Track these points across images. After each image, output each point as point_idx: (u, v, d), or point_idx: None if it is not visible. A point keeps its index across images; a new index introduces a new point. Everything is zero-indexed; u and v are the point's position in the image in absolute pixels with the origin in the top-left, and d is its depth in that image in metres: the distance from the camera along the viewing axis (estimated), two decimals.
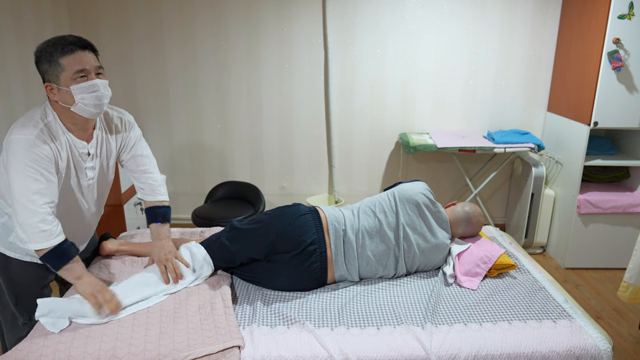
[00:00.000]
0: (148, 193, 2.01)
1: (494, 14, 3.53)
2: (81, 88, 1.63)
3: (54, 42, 1.63)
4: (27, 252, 1.79)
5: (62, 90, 1.63)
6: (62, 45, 1.61)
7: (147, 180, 2.00)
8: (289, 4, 3.51)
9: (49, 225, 1.62)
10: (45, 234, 1.62)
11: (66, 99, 1.64)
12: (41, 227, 1.61)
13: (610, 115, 3.10)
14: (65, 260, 1.68)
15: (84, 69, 1.63)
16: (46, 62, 1.62)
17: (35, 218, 1.60)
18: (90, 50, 1.67)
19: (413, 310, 1.85)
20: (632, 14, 2.91)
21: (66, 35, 1.65)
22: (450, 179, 3.91)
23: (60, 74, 1.62)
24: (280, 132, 3.78)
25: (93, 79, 1.65)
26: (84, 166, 1.78)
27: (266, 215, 2.06)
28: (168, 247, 1.95)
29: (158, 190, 2.03)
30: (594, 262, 3.41)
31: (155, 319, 1.72)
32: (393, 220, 2.09)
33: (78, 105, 1.65)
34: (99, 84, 1.65)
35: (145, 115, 3.72)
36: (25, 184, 1.58)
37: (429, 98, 3.71)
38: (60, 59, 1.61)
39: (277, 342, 1.65)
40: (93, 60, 1.66)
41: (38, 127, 1.62)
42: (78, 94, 1.63)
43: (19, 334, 1.85)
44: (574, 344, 1.68)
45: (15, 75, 2.88)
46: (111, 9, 3.50)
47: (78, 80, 1.62)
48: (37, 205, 1.60)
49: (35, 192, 1.60)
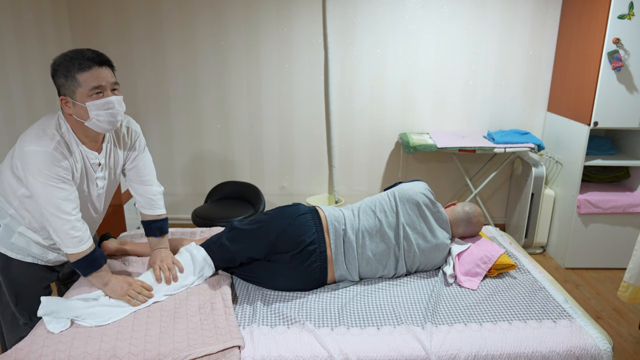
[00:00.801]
0: (146, 207, 2.01)
1: (494, 14, 3.53)
2: (96, 105, 1.64)
3: (71, 56, 1.63)
4: (28, 253, 1.80)
5: (77, 105, 1.64)
6: (79, 61, 1.62)
7: (146, 194, 2.00)
8: (289, 4, 3.51)
9: (79, 231, 1.69)
10: (77, 239, 1.69)
11: (81, 114, 1.66)
12: (73, 233, 1.67)
13: (610, 115, 3.10)
14: (95, 269, 1.76)
15: (100, 85, 1.64)
16: (62, 76, 1.63)
17: (67, 226, 1.66)
18: (107, 66, 1.68)
19: (413, 310, 1.85)
20: (632, 14, 2.91)
21: (84, 50, 1.65)
22: (450, 179, 3.91)
23: (77, 89, 1.62)
24: (280, 132, 3.78)
25: (108, 95, 1.66)
26: (95, 176, 1.81)
27: (266, 215, 2.06)
28: (165, 254, 1.99)
29: (156, 204, 2.03)
30: (594, 262, 3.41)
31: (155, 318, 1.72)
32: (393, 220, 2.09)
33: (92, 121, 1.67)
34: (114, 101, 1.67)
35: (145, 116, 3.72)
36: (51, 194, 1.62)
37: (429, 98, 3.71)
38: (77, 75, 1.61)
39: (277, 342, 1.65)
40: (109, 77, 1.67)
41: (55, 140, 1.64)
42: (93, 110, 1.64)
43: (20, 334, 1.85)
44: (574, 344, 1.68)
45: (15, 76, 2.88)
46: (111, 9, 3.50)
47: (94, 97, 1.64)
48: (66, 212, 1.65)
49: (63, 199, 1.64)
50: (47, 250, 1.84)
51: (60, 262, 1.92)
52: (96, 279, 1.78)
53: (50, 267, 1.91)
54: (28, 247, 1.80)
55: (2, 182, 1.75)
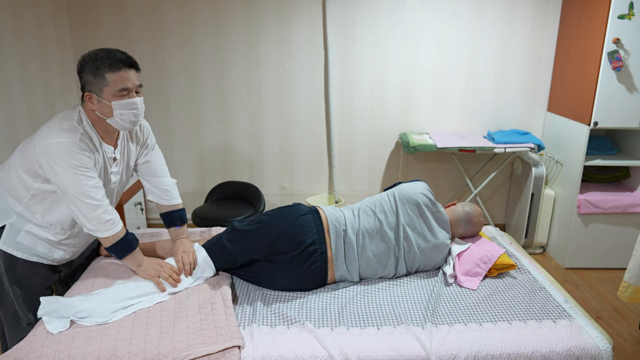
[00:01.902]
0: (162, 197, 2.08)
1: (494, 14, 3.53)
2: (121, 104, 1.71)
3: (102, 55, 1.68)
4: (34, 252, 1.81)
5: (102, 103, 1.70)
6: (110, 61, 1.67)
7: (160, 185, 2.07)
8: (289, 4, 3.51)
9: (111, 214, 1.77)
10: (110, 223, 1.77)
11: (104, 111, 1.72)
12: (105, 217, 1.75)
13: (610, 115, 3.10)
14: (129, 251, 1.86)
15: (127, 87, 1.70)
16: (91, 74, 1.68)
17: (99, 210, 1.73)
18: (135, 69, 1.74)
19: (413, 310, 1.85)
20: (632, 14, 2.91)
21: (115, 51, 1.71)
22: (450, 179, 3.91)
23: (104, 87, 1.68)
24: (280, 132, 3.78)
25: (133, 96, 1.73)
26: (110, 171, 1.86)
27: (266, 216, 2.06)
28: (188, 244, 2.04)
29: (172, 194, 2.10)
30: (594, 262, 3.41)
31: (155, 318, 1.72)
32: (393, 220, 2.09)
33: (115, 119, 1.73)
34: (137, 103, 1.75)
35: (146, 116, 3.70)
36: (81, 184, 1.68)
37: (429, 98, 3.71)
38: (106, 74, 1.67)
39: (277, 342, 1.65)
40: (135, 79, 1.74)
41: (79, 132, 1.69)
42: (117, 110, 1.71)
43: (22, 334, 1.85)
44: (574, 344, 1.68)
45: (15, 76, 2.88)
46: (111, 10, 3.50)
47: (119, 97, 1.70)
48: (96, 199, 1.72)
49: (92, 187, 1.71)
50: (54, 249, 1.85)
51: (64, 260, 1.93)
52: (130, 262, 1.87)
53: (54, 267, 1.92)
54: (34, 246, 1.81)
55: (10, 179, 1.76)
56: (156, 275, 1.88)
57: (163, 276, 1.88)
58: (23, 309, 1.85)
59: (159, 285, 1.86)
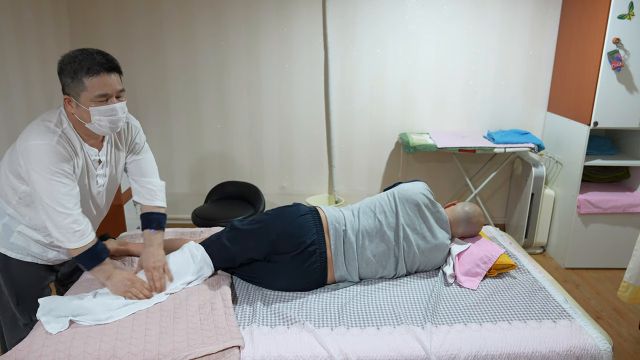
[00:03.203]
0: (146, 196, 2.00)
1: (494, 13, 3.53)
2: (100, 110, 1.64)
3: (81, 58, 1.60)
4: (28, 252, 1.80)
5: (80, 107, 1.64)
6: (88, 65, 1.59)
7: (147, 185, 2.00)
8: (289, 4, 3.51)
9: (81, 225, 1.69)
10: (79, 233, 1.68)
11: (83, 116, 1.66)
12: (74, 227, 1.67)
13: (610, 115, 3.10)
14: (97, 262, 1.76)
15: (106, 93, 1.63)
16: (69, 77, 1.61)
17: (69, 219, 1.65)
18: (116, 72, 1.66)
19: (413, 310, 1.84)
20: (632, 14, 2.91)
21: (94, 53, 1.62)
22: (450, 179, 3.91)
23: (82, 92, 1.61)
24: (280, 132, 3.78)
25: (113, 102, 1.66)
26: (95, 173, 1.81)
27: (266, 216, 2.05)
28: (159, 255, 1.92)
29: (156, 195, 2.02)
30: (594, 262, 3.41)
31: (155, 319, 1.72)
32: (393, 220, 2.09)
33: (93, 125, 1.67)
34: (117, 109, 1.67)
35: (145, 115, 3.72)
36: (54, 189, 1.61)
37: (429, 98, 3.71)
38: (84, 78, 1.59)
39: (277, 342, 1.65)
40: (116, 83, 1.66)
41: (57, 134, 1.63)
42: (95, 115, 1.64)
43: (20, 335, 1.85)
44: (574, 344, 1.68)
45: (15, 76, 2.88)
46: (111, 9, 3.50)
47: (98, 103, 1.63)
48: (68, 207, 1.64)
49: (65, 194, 1.64)
50: (47, 249, 1.83)
51: (60, 260, 1.91)
52: (99, 273, 1.78)
53: (49, 267, 1.90)
54: (28, 246, 1.79)
55: (0, 181, 1.74)
56: (126, 291, 1.78)
57: (133, 292, 1.79)
58: (20, 310, 1.83)
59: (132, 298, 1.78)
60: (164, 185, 2.06)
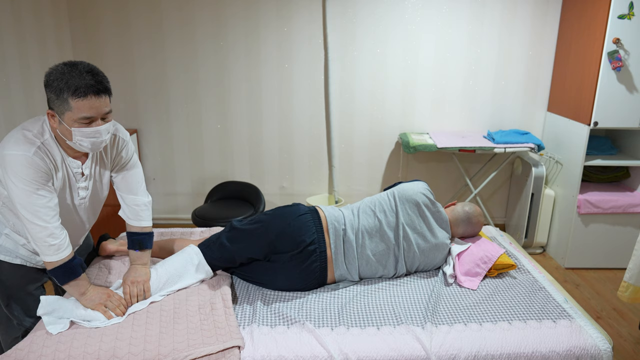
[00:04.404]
0: (131, 217, 1.93)
1: (494, 14, 3.53)
2: (82, 132, 1.57)
3: (69, 77, 1.52)
4: (16, 255, 1.76)
5: (63, 125, 1.57)
6: (76, 86, 1.51)
7: (131, 203, 1.92)
8: (289, 4, 3.51)
9: (57, 239, 1.62)
10: (54, 247, 1.62)
11: (65, 134, 1.59)
12: (50, 241, 1.61)
13: (610, 115, 3.10)
14: (71, 278, 1.69)
15: (92, 116, 1.57)
16: (54, 93, 1.54)
17: (44, 232, 1.59)
18: (105, 94, 1.59)
19: (413, 310, 1.84)
20: (632, 14, 2.91)
21: (84, 72, 1.54)
22: (450, 179, 3.91)
23: (66, 111, 1.54)
24: (280, 132, 3.78)
25: (98, 125, 1.59)
26: (77, 186, 1.74)
27: (266, 215, 2.05)
28: (142, 272, 1.88)
29: (141, 215, 1.93)
30: (594, 262, 3.41)
31: (155, 319, 1.72)
32: (393, 219, 2.09)
33: (75, 143, 1.61)
34: (101, 131, 1.60)
35: (145, 115, 3.72)
36: (31, 201, 1.56)
37: (429, 98, 3.71)
38: (69, 99, 1.52)
39: (277, 342, 1.65)
40: (104, 106, 1.59)
41: (35, 145, 1.57)
42: (78, 136, 1.58)
43: (15, 334, 1.83)
44: (574, 344, 1.68)
45: (15, 76, 2.88)
46: (111, 9, 3.50)
47: (82, 124, 1.57)
48: (45, 220, 1.59)
49: (42, 206, 1.58)
50: (34, 253, 1.80)
51: None
52: (73, 288, 1.71)
53: (40, 269, 1.86)
54: (16, 249, 1.76)
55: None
56: (102, 304, 1.73)
57: (109, 306, 1.74)
58: (9, 311, 1.80)
59: (106, 314, 1.72)
60: (150, 202, 1.98)
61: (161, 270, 1.93)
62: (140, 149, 3.78)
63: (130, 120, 3.72)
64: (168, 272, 1.93)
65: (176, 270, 1.94)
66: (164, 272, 1.92)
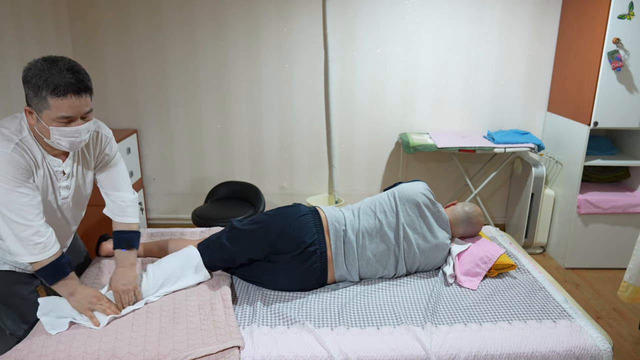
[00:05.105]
0: (116, 213, 1.89)
1: (494, 14, 3.53)
2: (60, 131, 1.53)
3: (48, 74, 1.46)
4: (4, 260, 1.70)
5: (40, 123, 1.52)
6: (55, 84, 1.45)
7: (116, 200, 1.88)
8: (289, 4, 3.51)
9: (43, 237, 1.58)
10: (40, 246, 1.58)
11: (42, 131, 1.55)
12: (35, 239, 1.56)
13: (610, 115, 3.10)
14: (60, 277, 1.65)
15: (71, 116, 1.51)
16: (32, 90, 1.48)
17: (29, 231, 1.55)
18: (86, 94, 1.53)
19: (413, 310, 1.85)
20: (632, 14, 2.91)
21: (64, 71, 1.48)
22: (450, 179, 3.91)
23: (44, 110, 1.49)
24: (280, 132, 3.78)
25: (78, 124, 1.54)
26: (59, 185, 1.69)
27: (266, 216, 2.05)
28: (130, 277, 1.82)
29: (126, 211, 1.89)
30: (594, 262, 3.41)
31: (155, 319, 1.72)
32: (393, 220, 2.09)
33: (53, 142, 1.56)
34: (80, 131, 1.56)
35: (145, 115, 3.72)
36: (13, 199, 1.51)
37: (429, 98, 3.71)
38: (48, 97, 1.47)
39: (277, 342, 1.65)
40: (84, 105, 1.53)
41: (13, 141, 1.52)
42: (56, 135, 1.53)
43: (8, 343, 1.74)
44: (574, 344, 1.68)
45: (15, 76, 2.88)
46: (111, 9, 3.50)
47: (60, 124, 1.52)
48: (28, 219, 1.54)
49: (24, 205, 1.53)
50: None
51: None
52: (62, 288, 1.66)
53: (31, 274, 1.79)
54: (3, 255, 1.69)
55: None
56: (90, 308, 1.68)
57: (98, 309, 1.69)
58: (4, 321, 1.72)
59: (93, 320, 1.68)
60: (137, 199, 1.93)
61: (158, 270, 1.92)
62: (140, 149, 3.78)
63: (130, 120, 3.72)
64: (164, 273, 1.91)
65: (173, 271, 1.93)
66: (161, 273, 1.91)
